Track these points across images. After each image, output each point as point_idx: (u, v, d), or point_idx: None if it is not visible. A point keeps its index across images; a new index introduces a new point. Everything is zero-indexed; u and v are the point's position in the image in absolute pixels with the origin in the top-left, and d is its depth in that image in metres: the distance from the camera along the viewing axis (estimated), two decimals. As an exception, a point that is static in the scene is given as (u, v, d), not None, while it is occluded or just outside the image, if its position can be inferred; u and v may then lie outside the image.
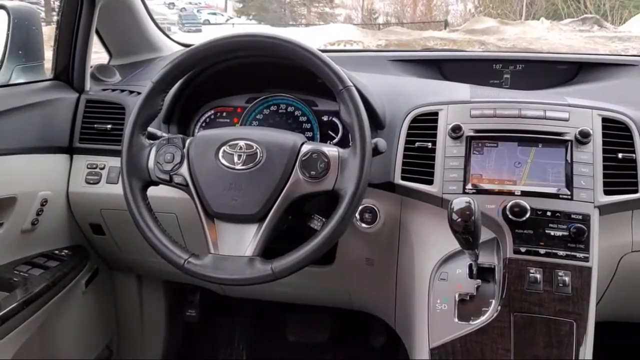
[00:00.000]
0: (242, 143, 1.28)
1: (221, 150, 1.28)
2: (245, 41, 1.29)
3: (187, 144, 1.32)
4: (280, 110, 1.62)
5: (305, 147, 1.27)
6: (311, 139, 1.58)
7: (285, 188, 1.24)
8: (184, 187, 1.30)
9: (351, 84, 1.24)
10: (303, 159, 1.25)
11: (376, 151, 1.29)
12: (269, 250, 1.26)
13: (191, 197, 1.29)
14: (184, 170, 1.29)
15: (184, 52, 1.31)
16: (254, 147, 1.27)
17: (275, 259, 1.22)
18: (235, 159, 1.26)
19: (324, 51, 1.35)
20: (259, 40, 1.28)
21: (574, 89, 1.63)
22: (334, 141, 1.57)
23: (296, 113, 1.61)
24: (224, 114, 1.65)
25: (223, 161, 1.27)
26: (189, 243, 1.62)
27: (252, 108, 1.63)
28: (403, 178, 1.40)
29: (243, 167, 1.26)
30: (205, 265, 1.24)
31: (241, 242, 1.24)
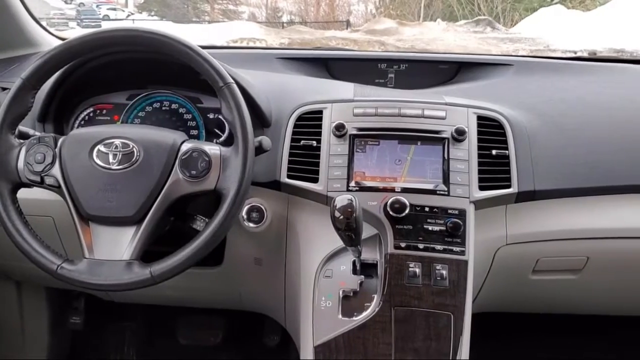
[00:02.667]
0: (117, 142, 1.23)
1: (95, 150, 1.23)
2: (121, 36, 1.25)
3: (59, 143, 1.25)
4: (163, 108, 1.57)
5: (186, 146, 1.24)
6: (196, 137, 1.54)
7: (164, 188, 1.21)
8: (56, 188, 1.24)
9: (232, 81, 1.22)
10: (183, 157, 1.22)
11: (260, 149, 1.28)
12: (152, 253, 1.23)
13: (64, 199, 1.23)
14: (55, 171, 1.23)
15: (56, 47, 1.25)
16: (131, 146, 1.22)
17: (154, 263, 1.18)
18: (111, 158, 1.22)
19: (208, 47, 1.32)
20: (136, 35, 1.24)
21: (454, 88, 1.69)
22: (220, 139, 1.54)
23: (180, 110, 1.57)
24: (104, 112, 1.58)
25: (97, 161, 1.22)
26: (68, 248, 1.54)
27: (134, 105, 1.57)
28: (289, 176, 1.40)
29: (119, 167, 1.21)
30: (80, 271, 1.19)
31: (118, 245, 1.20)
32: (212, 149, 1.23)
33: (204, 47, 1.25)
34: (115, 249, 1.20)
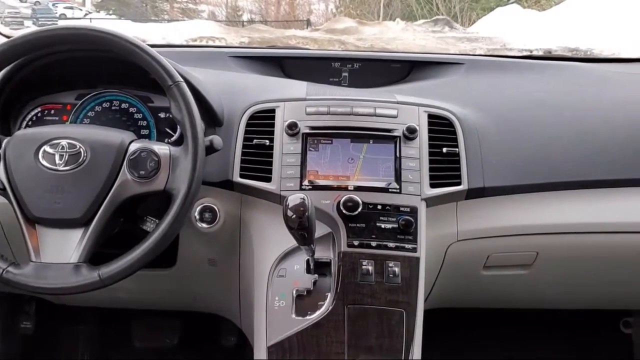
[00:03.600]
0: (64, 142, 1.21)
1: (41, 150, 1.20)
2: (67, 34, 1.22)
3: (4, 144, 1.23)
4: (113, 107, 1.54)
5: (134, 146, 1.22)
6: (147, 137, 1.52)
7: (113, 189, 1.19)
8: (0, 190, 1.21)
9: (181, 80, 1.21)
10: (131, 158, 1.20)
11: (212, 149, 1.27)
12: (102, 255, 1.21)
13: (9, 201, 1.21)
14: None
15: None
16: (77, 147, 1.20)
17: (103, 265, 1.16)
18: (57, 159, 1.19)
19: (159, 46, 1.31)
20: (82, 34, 1.22)
21: (406, 87, 1.70)
22: (172, 139, 1.52)
23: (131, 110, 1.54)
24: (52, 112, 1.54)
25: (44, 162, 1.19)
26: (17, 252, 1.50)
27: (83, 105, 1.53)
28: (242, 176, 1.39)
29: (66, 168, 1.19)
30: (26, 275, 1.16)
31: (65, 248, 1.18)
32: (161, 148, 1.22)
33: (156, 46, 1.24)
34: (62, 251, 1.17)
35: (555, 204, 1.47)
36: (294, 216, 1.10)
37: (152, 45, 1.25)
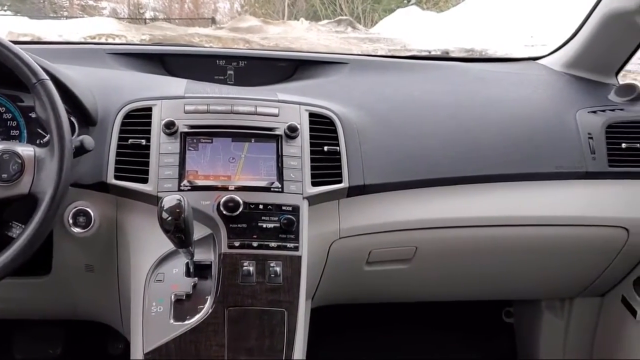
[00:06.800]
0: None
1: None
2: None
3: None
4: None
5: None
6: (17, 138, 1.44)
7: None
8: None
9: (46, 77, 1.15)
10: None
11: (82, 149, 1.21)
12: None
13: None
14: None
15: None
16: None
17: None
18: None
19: (26, 43, 1.24)
20: None
21: (291, 86, 1.70)
22: (44, 140, 1.45)
23: (-1, 110, 1.45)
24: None
25: None
26: None
27: None
28: (117, 177, 1.34)
29: None
30: None
31: None
32: (25, 150, 1.15)
33: (24, 43, 1.18)
34: None
35: (433, 200, 1.52)
36: (170, 218, 1.07)
37: (22, 42, 1.19)
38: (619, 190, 1.63)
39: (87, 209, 1.36)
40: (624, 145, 1.63)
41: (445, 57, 2.02)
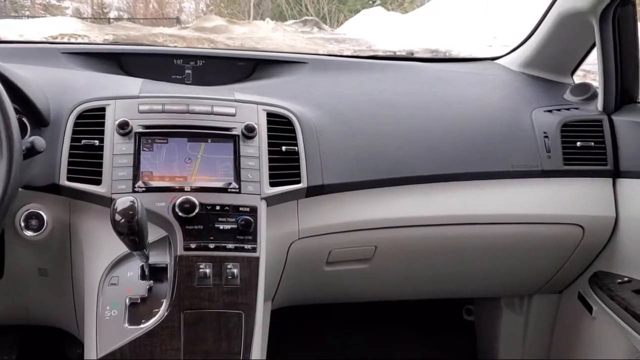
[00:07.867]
0: None
1: None
2: None
3: None
4: None
5: None
6: None
7: None
8: None
9: None
10: None
11: (33, 151, 1.18)
12: None
13: None
14: None
15: None
16: None
17: None
18: None
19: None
20: None
21: (249, 85, 1.68)
22: None
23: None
24: None
25: None
26: None
27: None
28: (69, 179, 1.30)
29: None
30: None
31: None
32: None
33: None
34: None
35: (392, 199, 1.53)
36: (123, 220, 1.05)
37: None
38: (575, 188, 1.66)
39: (40, 212, 1.33)
40: (578, 143, 1.65)
41: (406, 57, 2.02)
